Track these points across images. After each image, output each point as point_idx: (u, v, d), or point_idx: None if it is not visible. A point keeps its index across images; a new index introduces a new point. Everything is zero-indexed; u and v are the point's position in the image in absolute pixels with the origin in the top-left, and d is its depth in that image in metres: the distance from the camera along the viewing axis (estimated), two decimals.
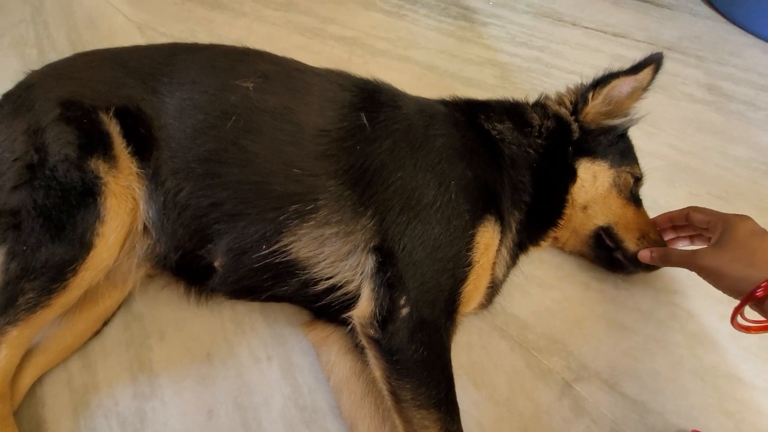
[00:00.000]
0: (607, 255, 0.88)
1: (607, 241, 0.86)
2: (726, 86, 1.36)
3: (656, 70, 0.83)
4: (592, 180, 0.84)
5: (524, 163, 0.82)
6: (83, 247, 0.69)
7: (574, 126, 0.85)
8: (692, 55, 1.45)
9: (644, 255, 0.83)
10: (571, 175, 0.84)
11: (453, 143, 0.78)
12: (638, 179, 0.88)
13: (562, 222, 0.86)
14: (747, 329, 0.67)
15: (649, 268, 0.87)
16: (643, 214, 0.88)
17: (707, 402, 0.80)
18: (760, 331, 0.66)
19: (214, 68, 0.81)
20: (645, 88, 0.84)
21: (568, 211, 0.86)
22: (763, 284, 0.63)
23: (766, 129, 1.25)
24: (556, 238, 0.92)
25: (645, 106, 0.86)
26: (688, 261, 0.75)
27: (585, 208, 0.85)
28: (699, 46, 1.48)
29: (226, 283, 0.77)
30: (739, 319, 0.67)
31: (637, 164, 0.89)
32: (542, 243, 0.90)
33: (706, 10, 1.62)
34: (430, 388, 0.66)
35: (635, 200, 0.88)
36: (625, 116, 0.85)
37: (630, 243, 0.84)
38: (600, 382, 0.81)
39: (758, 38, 1.51)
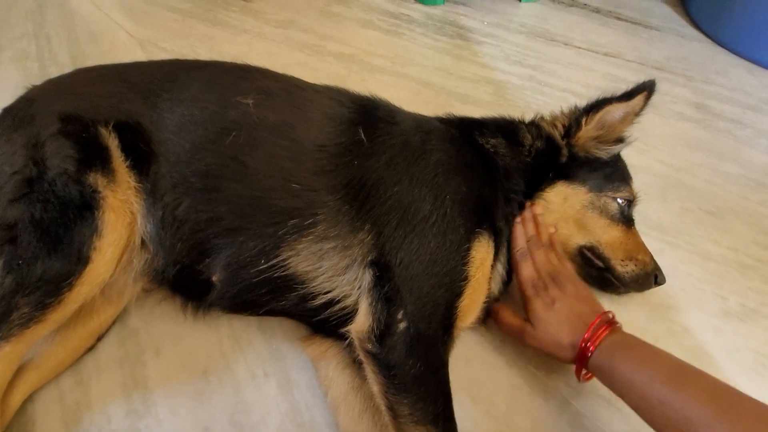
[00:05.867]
0: (599, 274, 0.88)
1: (596, 261, 0.86)
2: (714, 105, 1.40)
3: (648, 97, 0.84)
4: (561, 201, 0.84)
5: (518, 175, 0.84)
6: (80, 261, 0.69)
7: (564, 150, 0.86)
8: (680, 75, 1.49)
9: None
10: (532, 198, 0.84)
11: (448, 158, 0.79)
12: (628, 201, 0.87)
13: None
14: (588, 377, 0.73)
15: (641, 288, 0.88)
16: (633, 235, 0.88)
17: None
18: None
19: (215, 84, 0.83)
20: (637, 114, 0.85)
21: None
22: (586, 340, 0.67)
23: (753, 146, 1.28)
24: None
25: (636, 124, 0.88)
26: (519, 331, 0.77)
27: (555, 227, 0.85)
28: (687, 66, 1.53)
29: (224, 297, 0.77)
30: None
31: (627, 185, 0.88)
32: None
33: (693, 32, 1.67)
34: (428, 403, 0.65)
35: (625, 221, 0.87)
36: (617, 140, 0.86)
37: (615, 263, 0.85)
38: (598, 397, 0.81)
39: (743, 59, 1.56)
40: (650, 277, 0.85)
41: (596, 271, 0.88)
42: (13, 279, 0.67)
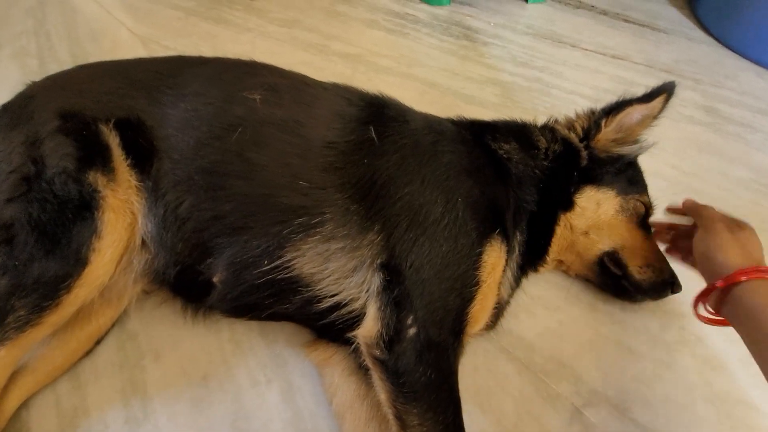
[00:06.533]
0: (615, 282, 0.86)
1: (613, 268, 0.85)
2: (723, 108, 1.38)
3: (668, 99, 0.83)
4: (595, 207, 0.83)
5: (531, 182, 0.81)
6: (78, 262, 0.67)
7: (584, 153, 0.84)
8: (689, 78, 1.47)
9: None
10: (566, 204, 0.83)
11: (460, 160, 0.77)
12: (648, 207, 0.87)
13: (551, 249, 0.85)
14: (709, 321, 0.68)
15: (657, 297, 0.87)
16: (652, 242, 0.86)
17: (720, 429, 0.78)
18: (719, 324, 0.67)
19: (221, 80, 0.81)
20: (655, 117, 0.84)
21: (565, 237, 0.84)
22: (723, 277, 0.63)
23: (764, 150, 1.26)
24: (561, 262, 0.91)
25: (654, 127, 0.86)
26: (704, 212, 0.74)
27: (586, 233, 0.84)
28: (695, 69, 1.51)
29: (225, 300, 0.75)
30: (702, 310, 0.68)
31: (647, 192, 0.88)
32: (540, 268, 0.88)
33: (701, 35, 1.66)
34: (438, 412, 0.63)
35: (645, 228, 0.86)
36: (634, 143, 0.85)
37: (633, 270, 0.84)
38: (610, 407, 0.79)
39: (752, 63, 1.54)
40: (667, 284, 0.84)
41: (612, 279, 0.86)
42: (9, 281, 0.65)
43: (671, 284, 0.83)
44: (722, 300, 0.64)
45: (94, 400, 0.75)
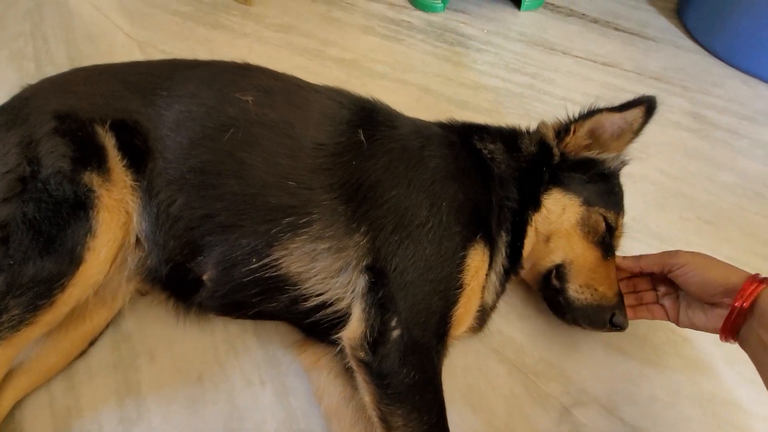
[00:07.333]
0: (552, 295, 0.82)
1: (553, 281, 0.81)
2: (710, 115, 1.41)
3: (648, 113, 0.80)
4: (560, 211, 0.80)
5: (512, 182, 0.82)
6: (73, 261, 0.67)
7: (556, 150, 0.83)
8: (677, 85, 1.50)
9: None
10: (535, 203, 0.81)
11: (446, 164, 0.78)
12: (611, 227, 0.81)
13: (524, 250, 0.82)
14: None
15: (592, 325, 0.79)
16: (606, 266, 0.80)
17: (706, 428, 0.79)
18: None
19: (214, 82, 0.82)
20: (636, 132, 0.82)
21: (532, 239, 0.82)
22: (743, 293, 0.64)
23: (750, 156, 1.29)
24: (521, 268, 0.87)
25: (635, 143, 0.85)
26: (667, 258, 0.76)
27: (548, 240, 0.81)
28: (683, 76, 1.54)
29: (213, 297, 0.75)
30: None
31: (617, 213, 0.83)
32: (520, 271, 0.86)
33: (689, 43, 1.69)
34: (422, 413, 0.64)
35: (605, 248, 0.81)
36: (610, 154, 0.83)
37: (570, 285, 0.79)
38: (598, 407, 0.80)
39: (738, 70, 1.58)
40: (605, 313, 0.77)
41: (551, 291, 0.82)
42: (4, 280, 0.65)
43: (612, 315, 0.77)
44: (747, 315, 0.64)
45: (88, 400, 0.75)
